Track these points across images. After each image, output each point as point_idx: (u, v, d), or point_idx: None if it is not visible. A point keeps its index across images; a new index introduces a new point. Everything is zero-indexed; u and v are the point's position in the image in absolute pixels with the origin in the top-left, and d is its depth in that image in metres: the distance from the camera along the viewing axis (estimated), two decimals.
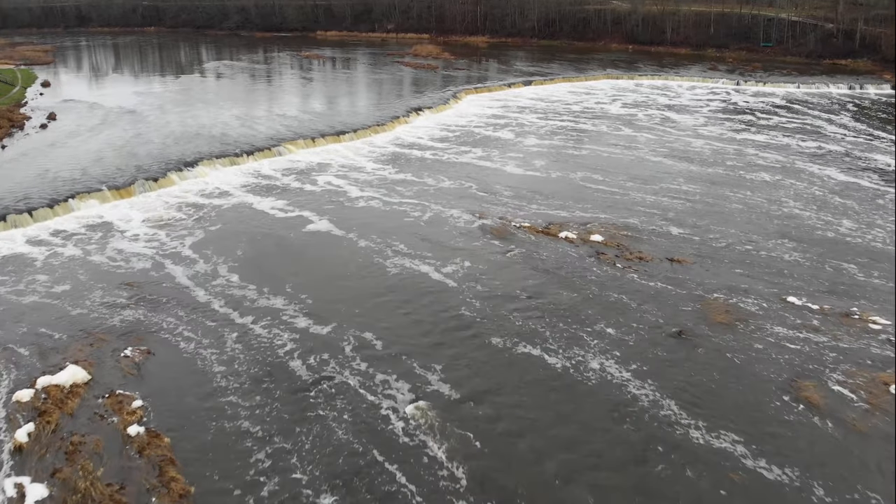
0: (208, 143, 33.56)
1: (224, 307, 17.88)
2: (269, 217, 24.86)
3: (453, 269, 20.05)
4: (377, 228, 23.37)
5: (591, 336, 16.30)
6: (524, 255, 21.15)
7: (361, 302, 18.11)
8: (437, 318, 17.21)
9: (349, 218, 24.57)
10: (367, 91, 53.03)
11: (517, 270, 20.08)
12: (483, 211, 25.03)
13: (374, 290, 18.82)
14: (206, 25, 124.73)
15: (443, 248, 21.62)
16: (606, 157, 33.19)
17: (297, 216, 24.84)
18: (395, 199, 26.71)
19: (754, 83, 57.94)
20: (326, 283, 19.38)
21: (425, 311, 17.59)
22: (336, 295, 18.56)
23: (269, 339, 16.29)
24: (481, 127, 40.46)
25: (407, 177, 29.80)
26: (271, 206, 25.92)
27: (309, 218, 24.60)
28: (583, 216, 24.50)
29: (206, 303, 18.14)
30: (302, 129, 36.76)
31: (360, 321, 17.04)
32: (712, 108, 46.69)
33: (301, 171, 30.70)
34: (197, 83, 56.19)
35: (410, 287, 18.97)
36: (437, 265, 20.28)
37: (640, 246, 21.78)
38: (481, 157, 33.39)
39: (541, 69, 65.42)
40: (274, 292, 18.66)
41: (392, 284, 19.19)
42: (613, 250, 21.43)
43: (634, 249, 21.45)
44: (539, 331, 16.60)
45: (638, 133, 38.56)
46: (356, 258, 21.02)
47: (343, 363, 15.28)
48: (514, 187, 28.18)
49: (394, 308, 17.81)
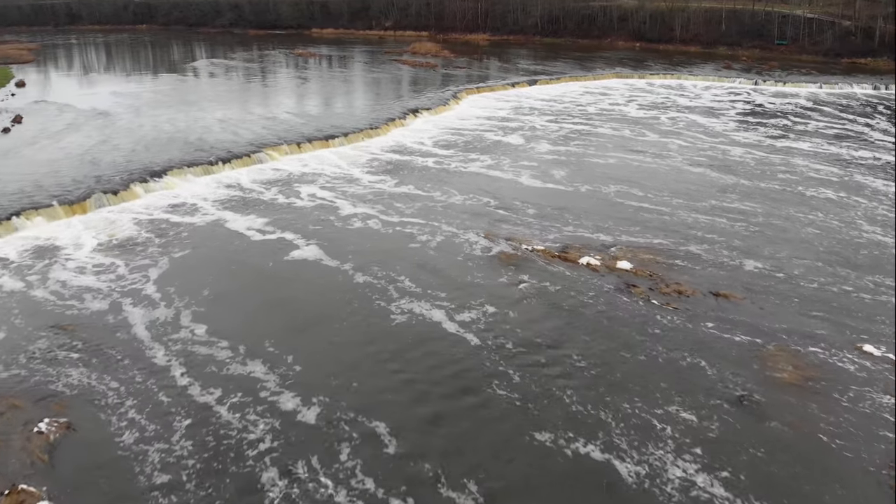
0: (182, 149, 30.16)
1: (182, 373, 14.00)
2: (245, 240, 21.32)
3: (472, 316, 16.18)
4: (376, 257, 19.68)
5: (630, 406, 12.93)
6: (539, 289, 17.74)
7: (364, 370, 14.11)
8: (461, 400, 13.12)
9: (342, 242, 20.91)
10: (361, 91, 49.65)
11: (532, 310, 16.67)
12: (500, 233, 21.48)
13: (379, 352, 14.69)
14: (198, 23, 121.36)
15: (456, 285, 17.92)
16: (637, 167, 29.53)
17: (279, 239, 21.25)
18: (395, 217, 23.15)
19: (773, 83, 54.62)
20: (317, 338, 15.44)
21: (446, 388, 13.45)
22: (330, 358, 14.58)
23: (236, 430, 12.12)
24: (487, 130, 37.06)
25: (407, 189, 26.26)
26: (248, 226, 22.42)
27: (293, 242, 20.98)
28: (607, 237, 21.11)
29: (158, 364, 14.44)
30: (287, 133, 33.38)
31: (364, 403, 12.91)
32: (738, 110, 43.29)
33: (284, 182, 27.30)
34: (181, 83, 52.80)
35: (423, 346, 14.97)
36: (450, 310, 16.50)
37: (676, 276, 18.42)
38: (490, 165, 29.87)
39: (545, 68, 62.07)
40: (250, 353, 14.67)
41: (400, 341, 15.14)
42: (646, 281, 18.06)
43: (671, 280, 18.08)
44: (566, 404, 13.23)
45: (666, 139, 35.00)
46: (353, 301, 17.11)
47: (337, 476, 11.05)
48: (535, 203, 24.52)
49: (405, 383, 13.65)
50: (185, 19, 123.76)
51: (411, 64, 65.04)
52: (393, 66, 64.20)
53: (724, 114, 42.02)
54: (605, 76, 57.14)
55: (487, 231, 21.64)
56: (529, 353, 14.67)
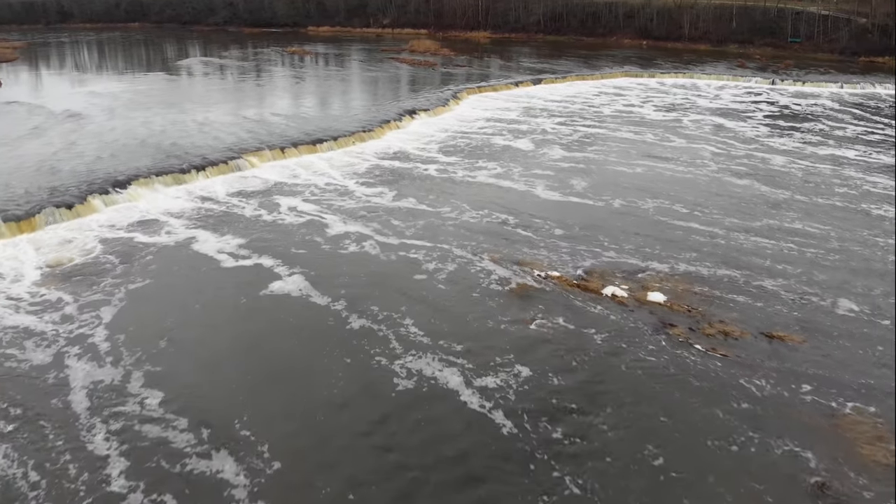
0: (153, 155, 27.22)
1: (121, 471, 10.59)
2: (216, 267, 18.19)
3: (476, 371, 13.08)
4: (372, 291, 16.50)
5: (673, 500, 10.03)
6: (557, 330, 14.81)
7: (353, 450, 11.07)
8: (462, 493, 10.13)
9: (331, 271, 17.69)
10: (355, 91, 46.70)
11: (549, 360, 13.70)
12: (511, 256, 18.48)
13: (383, 443, 11.20)
14: (192, 21, 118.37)
15: (473, 332, 14.73)
16: (668, 177, 26.39)
17: (256, 267, 18.09)
18: (394, 238, 19.96)
19: (792, 82, 51.76)
20: (303, 415, 12.02)
21: (444, 474, 10.44)
22: (316, 442, 11.24)
23: None
24: (492, 133, 34.10)
25: (406, 203, 23.14)
26: (221, 248, 19.32)
27: (273, 270, 17.81)
28: (635, 261, 18.17)
29: (95, 452, 11.08)
30: (272, 137, 30.45)
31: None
32: (765, 112, 40.33)
33: (265, 193, 24.38)
34: (165, 82, 49.86)
35: (417, 412, 11.92)
36: (453, 363, 13.32)
37: (720, 311, 15.50)
38: (499, 174, 26.80)
39: (550, 66, 59.15)
40: (214, 437, 11.25)
41: (408, 423, 11.68)
42: (684, 319, 15.15)
43: (714, 318, 15.17)
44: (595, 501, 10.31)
45: (695, 144, 31.91)
46: (347, 356, 13.68)
47: None
48: (552, 219, 21.44)
49: (395, 469, 10.60)
50: (178, 17, 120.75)
51: (409, 62, 62.12)
52: (390, 64, 61.28)
53: (751, 116, 39.03)
54: (613, 75, 54.22)
55: (497, 254, 18.70)
56: (547, 422, 11.72)
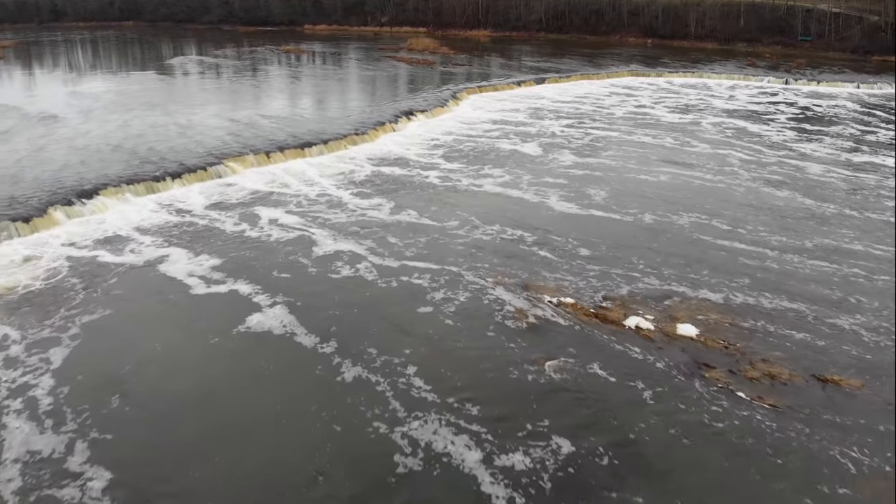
0: (126, 160, 25.07)
1: None
2: (186, 296, 15.84)
3: (482, 431, 10.87)
4: (369, 330, 14.02)
5: None
6: (574, 374, 12.63)
7: None
8: None
9: (319, 302, 15.25)
10: (349, 91, 44.53)
11: (566, 414, 11.52)
12: (533, 283, 16.19)
13: None
14: (186, 19, 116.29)
15: (484, 380, 12.32)
16: (696, 187, 24.00)
17: (232, 295, 15.72)
18: (392, 260, 17.57)
19: (806, 82, 49.67)
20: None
21: None
22: None
23: None
24: (495, 137, 31.89)
25: (405, 217, 20.84)
26: (192, 271, 17.01)
27: (251, 300, 15.40)
28: (660, 285, 16.00)
29: None
30: (257, 140, 28.29)
31: None
32: (787, 114, 38.15)
33: (245, 203, 22.21)
34: (151, 82, 47.68)
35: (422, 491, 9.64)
36: (488, 444, 10.61)
37: (762, 348, 13.35)
38: (507, 182, 24.50)
39: (553, 65, 57.01)
40: None
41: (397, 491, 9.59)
42: (722, 358, 12.99)
43: (755, 356, 13.02)
44: None
45: (720, 150, 29.56)
46: (335, 420, 11.09)
47: None
48: (568, 235, 19.17)
49: None
50: (172, 16, 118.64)
51: (407, 61, 59.96)
52: (387, 63, 59.12)
53: (773, 119, 36.82)
54: (619, 74, 52.10)
55: (508, 278, 16.52)
56: None
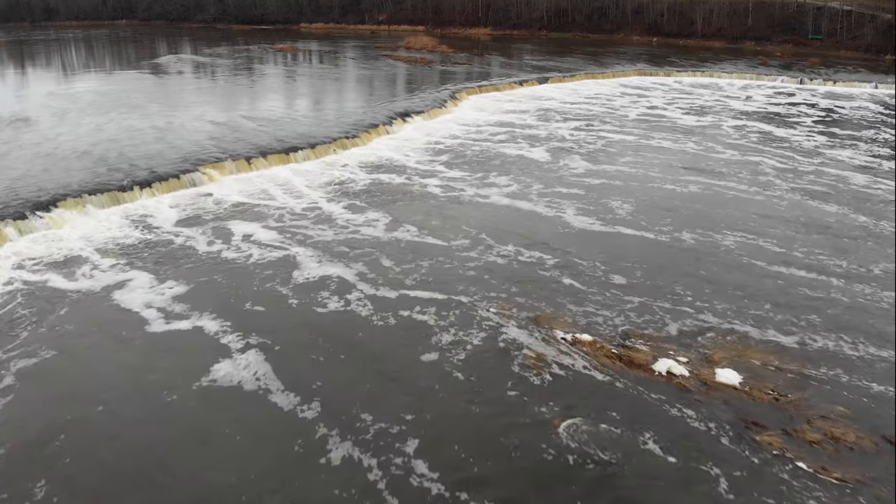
0: (93, 168, 22.86)
1: None
2: (140, 334, 13.33)
3: None
4: (361, 387, 11.32)
5: None
6: (595, 437, 10.37)
7: None
8: None
9: (301, 346, 12.65)
10: (341, 91, 42.32)
11: (590, 495, 9.38)
12: (557, 317, 13.83)
13: None
14: (180, 18, 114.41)
15: (498, 454, 9.80)
16: (732, 200, 21.49)
17: (196, 334, 13.20)
18: (388, 288, 14.94)
19: (822, 81, 47.54)
20: None
21: None
22: None
23: None
24: (498, 141, 29.63)
25: (402, 234, 18.34)
26: (152, 301, 14.55)
27: (219, 341, 12.85)
28: (693, 319, 13.74)
29: None
30: (238, 144, 26.08)
31: None
32: (811, 116, 35.93)
33: (220, 217, 19.98)
34: (134, 81, 45.48)
35: None
36: None
37: (818, 399, 11.14)
38: (515, 193, 22.05)
39: (556, 64, 54.84)
40: None
41: None
42: (772, 413, 10.78)
43: (811, 410, 10.81)
44: None
45: (749, 157, 27.09)
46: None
47: None
48: (586, 255, 16.77)
49: None
50: (166, 14, 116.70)
51: (405, 60, 57.79)
52: (384, 62, 56.93)
53: (798, 122, 34.55)
54: (626, 73, 49.95)
55: (521, 310, 14.30)
56: None
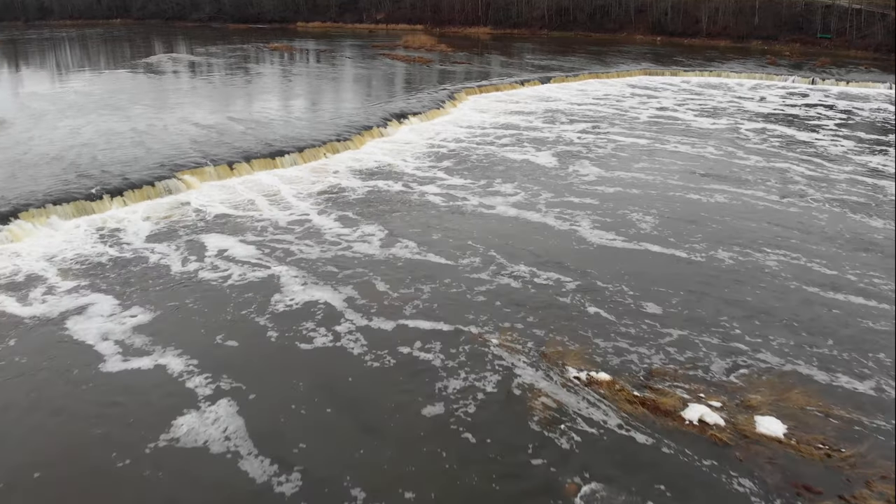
0: (61, 174, 21.18)
1: None
2: (94, 375, 11.43)
3: None
4: (352, 452, 9.40)
5: None
6: None
7: None
8: None
9: (279, 394, 10.63)
10: (335, 91, 40.65)
11: None
12: (565, 348, 12.15)
13: None
14: (175, 17, 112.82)
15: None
16: (764, 211, 19.34)
17: (157, 375, 11.23)
18: (383, 319, 12.78)
19: (834, 82, 45.89)
20: None
21: None
22: None
23: None
24: (500, 144, 27.88)
25: (399, 251, 16.34)
26: (110, 331, 12.61)
27: (184, 385, 10.82)
28: (726, 353, 12.03)
29: None
30: (221, 149, 24.41)
31: None
32: (832, 119, 34.12)
33: (196, 229, 18.27)
34: (121, 81, 43.80)
35: None
36: None
37: (876, 454, 9.45)
38: (522, 203, 20.06)
39: (558, 63, 53.20)
40: None
41: None
42: (825, 473, 9.08)
43: (868, 468, 9.12)
44: None
45: (775, 163, 25.02)
46: None
47: None
48: (618, 279, 14.72)
49: None
50: (161, 13, 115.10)
51: (402, 59, 56.15)
52: (380, 61, 55.27)
53: (819, 125, 32.74)
54: (631, 73, 48.29)
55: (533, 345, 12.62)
56: None
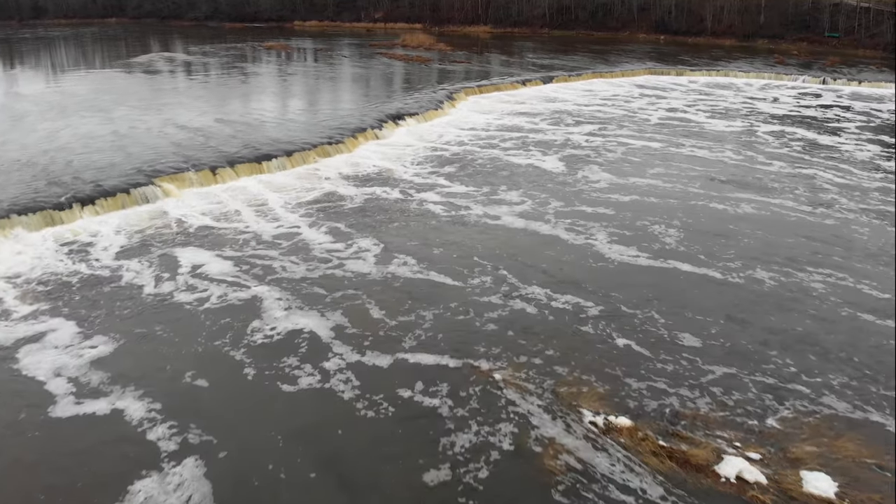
0: (30, 181, 19.67)
1: None
2: (42, 424, 9.90)
3: None
4: None
5: None
6: None
7: None
8: None
9: (256, 451, 9.09)
10: (329, 91, 39.16)
11: None
12: (608, 395, 10.66)
13: None
14: (171, 16, 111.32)
15: None
16: (796, 224, 17.64)
17: (112, 425, 9.68)
18: (378, 354, 11.22)
19: (846, 82, 44.42)
20: None
21: None
22: None
23: None
24: (503, 147, 26.33)
25: (396, 270, 14.70)
26: (63, 367, 11.11)
27: (143, 437, 9.36)
28: (765, 393, 10.50)
29: None
30: (205, 152, 22.91)
31: None
32: (852, 121, 32.60)
33: (172, 243, 16.74)
34: (108, 81, 42.29)
35: None
36: None
37: None
38: (530, 213, 18.33)
39: (560, 63, 51.72)
40: None
41: None
42: None
43: None
44: None
45: (801, 169, 23.30)
46: None
47: None
48: (643, 302, 13.12)
49: None
50: (157, 12, 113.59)
51: (400, 58, 54.66)
52: (377, 60, 53.79)
53: (839, 127, 31.16)
54: (636, 72, 46.82)
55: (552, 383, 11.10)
56: None
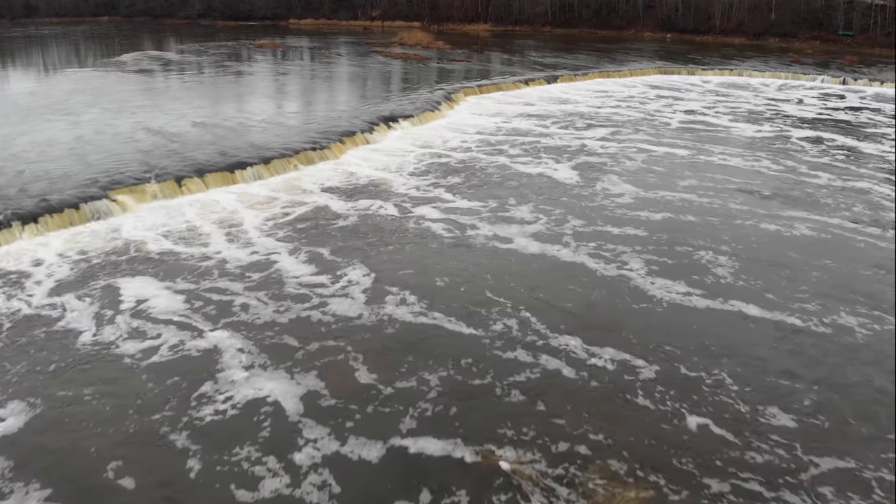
0: None
1: None
2: None
3: None
4: None
5: None
6: None
7: None
8: None
9: None
10: (319, 91, 36.73)
11: None
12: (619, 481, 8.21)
13: None
14: (164, 14, 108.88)
15: None
16: (870, 250, 14.77)
17: None
18: (363, 440, 8.17)
19: (867, 82, 42.04)
20: None
21: None
22: None
23: None
24: (508, 155, 23.48)
25: (391, 310, 11.75)
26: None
27: None
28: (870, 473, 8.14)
29: None
30: (172, 160, 20.45)
31: None
32: (891, 125, 30.09)
33: (122, 272, 14.15)
34: (85, 81, 39.85)
35: None
36: None
37: None
38: (545, 234, 15.35)
39: (564, 61, 49.33)
40: None
41: None
42: None
43: None
44: None
45: (848, 181, 20.21)
46: None
47: None
48: (695, 359, 10.43)
49: None
50: (150, 10, 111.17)
51: (397, 57, 52.25)
52: (373, 59, 51.37)
53: (877, 133, 28.49)
54: (645, 71, 44.39)
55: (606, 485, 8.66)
56: None
